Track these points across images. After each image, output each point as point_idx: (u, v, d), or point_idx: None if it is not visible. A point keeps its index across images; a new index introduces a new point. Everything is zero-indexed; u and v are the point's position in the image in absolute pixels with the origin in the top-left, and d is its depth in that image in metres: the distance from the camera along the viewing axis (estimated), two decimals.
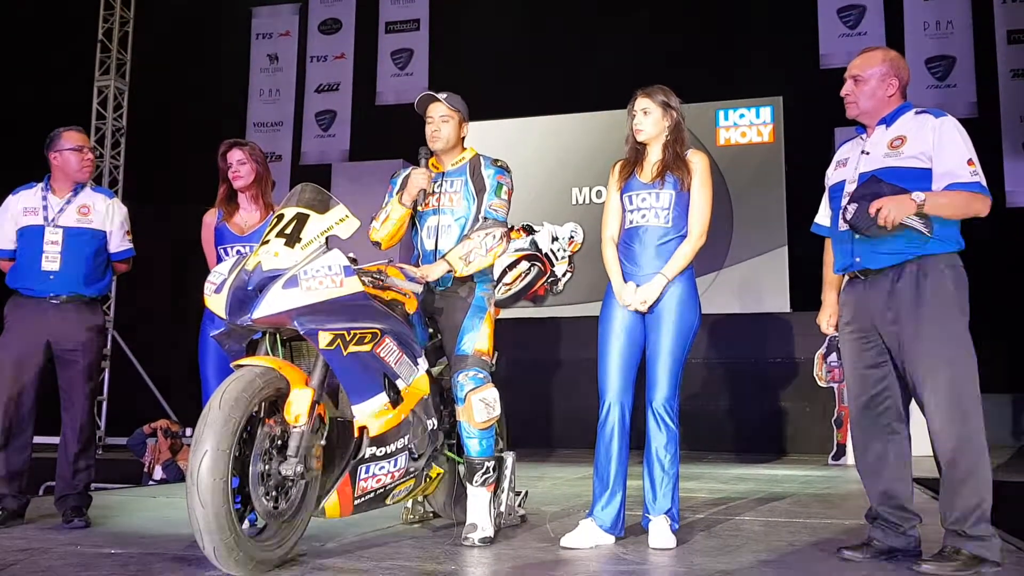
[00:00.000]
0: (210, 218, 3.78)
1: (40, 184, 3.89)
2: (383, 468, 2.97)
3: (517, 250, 3.43)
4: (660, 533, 3.13)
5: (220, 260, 3.60)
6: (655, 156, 3.36)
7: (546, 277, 3.50)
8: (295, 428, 2.70)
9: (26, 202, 3.84)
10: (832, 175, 3.13)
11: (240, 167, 3.68)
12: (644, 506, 3.25)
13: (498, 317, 3.52)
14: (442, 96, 3.48)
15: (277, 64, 10.88)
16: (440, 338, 3.44)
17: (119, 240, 3.95)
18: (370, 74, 10.56)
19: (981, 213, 2.81)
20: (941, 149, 2.83)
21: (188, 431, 7.63)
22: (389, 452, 2.97)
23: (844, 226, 2.93)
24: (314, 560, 2.87)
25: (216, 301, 2.81)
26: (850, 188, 2.94)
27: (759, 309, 8.81)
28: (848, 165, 3.03)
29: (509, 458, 3.53)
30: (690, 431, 4.92)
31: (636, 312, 3.27)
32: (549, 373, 8.80)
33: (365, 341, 2.84)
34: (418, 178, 3.42)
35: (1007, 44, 8.82)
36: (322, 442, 2.79)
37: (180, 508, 3.85)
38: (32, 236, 3.78)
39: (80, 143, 3.89)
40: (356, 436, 2.89)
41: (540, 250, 3.48)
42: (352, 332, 2.79)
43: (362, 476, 2.92)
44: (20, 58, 10.01)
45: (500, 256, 3.39)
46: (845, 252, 2.99)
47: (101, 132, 10.12)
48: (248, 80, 10.88)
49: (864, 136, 3.03)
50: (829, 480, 5.74)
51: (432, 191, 3.47)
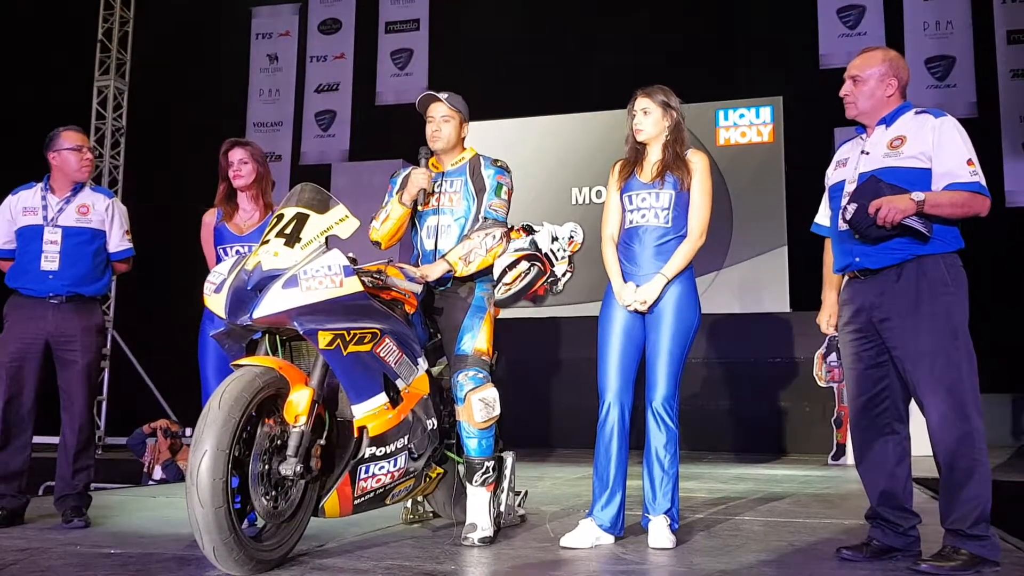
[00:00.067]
0: (209, 218, 3.78)
1: (39, 184, 3.88)
2: (383, 468, 2.97)
3: (517, 250, 3.42)
4: (660, 533, 3.13)
5: (219, 260, 3.60)
6: (655, 156, 3.36)
7: (546, 277, 3.48)
8: (294, 428, 2.70)
9: (25, 202, 3.84)
10: (832, 175, 3.13)
11: (242, 166, 3.68)
12: (644, 506, 3.25)
13: (498, 317, 3.52)
14: (443, 96, 3.49)
15: (277, 64, 10.88)
16: (440, 338, 3.44)
17: (118, 240, 3.95)
18: (370, 74, 10.56)
19: (981, 213, 2.81)
20: (941, 149, 2.83)
21: (188, 431, 7.63)
22: (389, 452, 2.97)
23: (844, 226, 2.93)
24: (314, 560, 2.87)
25: (216, 301, 2.81)
26: (850, 188, 2.94)
27: (759, 309, 8.81)
28: (848, 165, 3.03)
29: (509, 458, 3.53)
30: (690, 431, 4.93)
31: (636, 312, 3.27)
32: (549, 373, 8.80)
33: (365, 341, 2.84)
34: (418, 178, 3.42)
35: (1007, 44, 8.83)
36: (322, 442, 2.79)
37: (180, 508, 3.85)
38: (31, 236, 3.78)
39: (79, 143, 3.88)
40: (356, 436, 2.89)
41: (540, 250, 3.47)
42: (352, 332, 2.79)
43: (362, 476, 2.92)
44: (20, 58, 10.02)
45: (500, 256, 3.40)
46: (845, 252, 2.99)
47: (101, 132, 10.12)
48: (248, 80, 10.89)
49: (864, 136, 3.03)
50: (829, 480, 5.74)
51: (432, 191, 3.47)
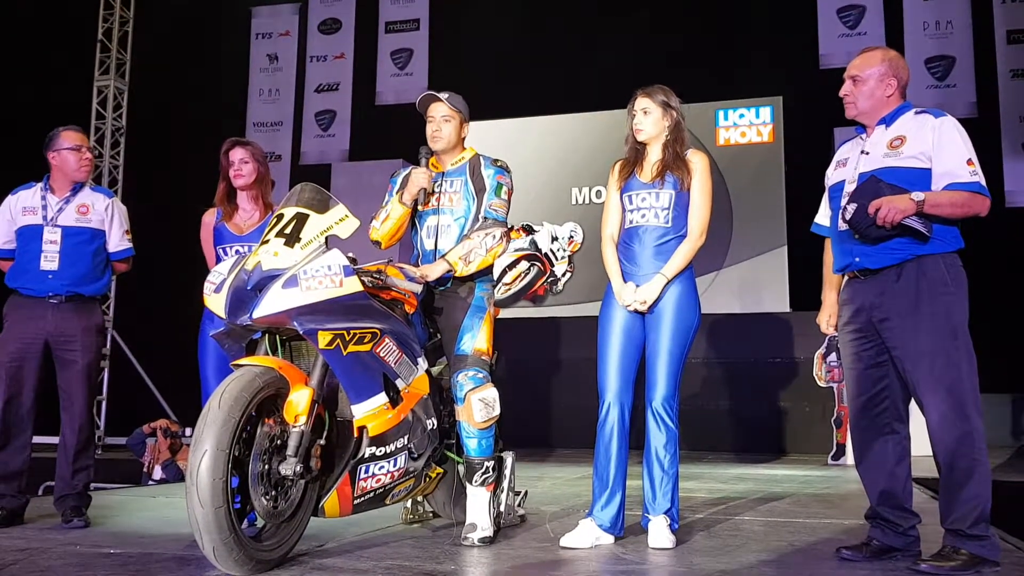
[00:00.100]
0: (209, 218, 3.78)
1: (39, 184, 3.88)
2: (383, 468, 2.97)
3: (516, 250, 3.41)
4: (659, 533, 3.13)
5: (219, 260, 3.60)
6: (655, 156, 3.36)
7: (546, 277, 3.48)
8: (294, 428, 2.70)
9: (25, 202, 3.84)
10: (832, 175, 3.13)
11: (243, 166, 3.68)
12: (644, 506, 3.25)
13: (498, 317, 3.52)
14: (444, 96, 3.49)
15: (277, 64, 10.88)
16: (440, 338, 3.44)
17: (118, 240, 3.95)
18: (370, 74, 10.56)
19: (981, 213, 2.81)
20: (941, 149, 2.82)
21: (188, 431, 7.63)
22: (389, 452, 2.96)
23: (844, 226, 2.93)
24: (314, 560, 2.87)
25: (216, 301, 2.81)
26: (850, 188, 2.94)
27: (759, 309, 8.81)
28: (848, 165, 3.03)
29: (509, 458, 3.53)
30: (690, 431, 4.93)
31: (636, 312, 3.27)
32: (549, 373, 8.80)
33: (365, 341, 2.84)
34: (419, 177, 3.42)
35: (1007, 44, 8.83)
36: (321, 442, 2.79)
37: (180, 508, 3.85)
38: (31, 235, 3.78)
39: (78, 142, 3.88)
40: (356, 436, 2.89)
41: (540, 250, 3.46)
42: (352, 332, 2.79)
43: (361, 476, 2.92)
44: (20, 58, 10.02)
45: (500, 256, 3.40)
46: (845, 252, 2.99)
47: (101, 132, 10.12)
48: (248, 80, 10.89)
49: (864, 136, 3.03)
50: (828, 480, 5.74)
51: (432, 191, 3.47)
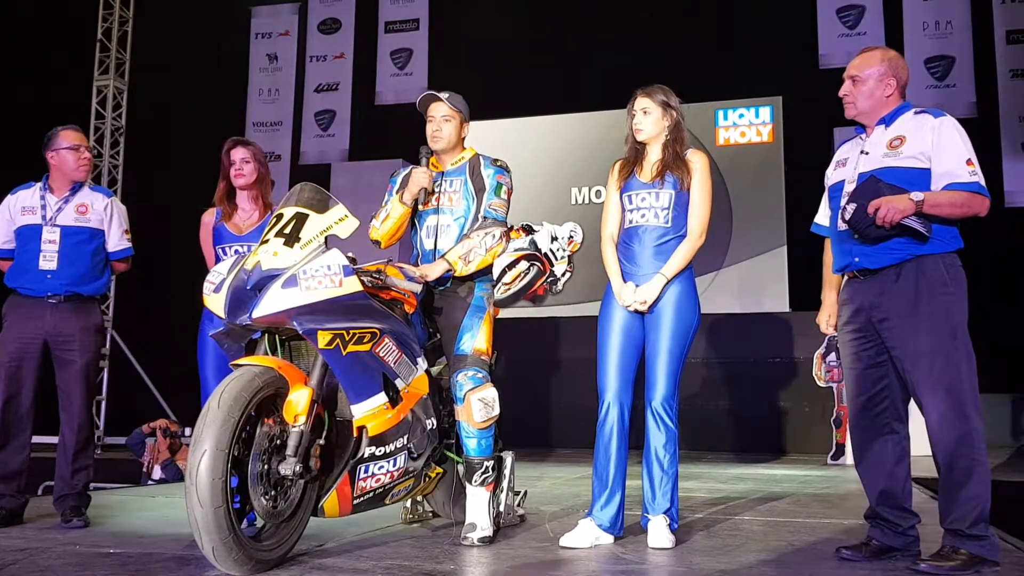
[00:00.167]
0: (208, 217, 3.78)
1: (39, 184, 3.88)
2: (382, 468, 2.97)
3: (516, 250, 3.42)
4: (659, 533, 3.13)
5: (218, 260, 3.60)
6: (655, 156, 3.36)
7: (545, 277, 3.48)
8: (294, 428, 2.70)
9: (24, 201, 3.84)
10: (831, 175, 3.13)
11: (244, 165, 3.68)
12: (643, 506, 3.25)
13: (497, 317, 3.52)
14: (444, 96, 3.49)
15: (276, 64, 10.88)
16: (439, 338, 3.44)
17: (117, 239, 3.94)
18: (370, 74, 10.56)
19: (980, 213, 2.81)
20: (940, 149, 2.82)
21: (187, 431, 7.63)
22: (388, 452, 2.96)
23: (843, 226, 2.93)
24: (313, 560, 2.87)
25: (215, 301, 2.81)
26: (849, 188, 2.94)
27: (758, 309, 8.82)
28: (847, 165, 3.03)
29: (508, 458, 3.53)
30: (689, 431, 4.93)
31: (635, 312, 3.27)
32: (548, 373, 8.80)
33: (364, 341, 2.84)
34: (420, 177, 3.42)
35: (1006, 44, 8.83)
36: (321, 442, 2.79)
37: (179, 508, 3.86)
38: (30, 235, 3.78)
39: (77, 142, 3.88)
40: (355, 436, 2.89)
41: (539, 250, 3.46)
42: (351, 332, 2.79)
43: (361, 476, 2.92)
44: (20, 58, 10.01)
45: (499, 256, 3.40)
46: (844, 252, 2.99)
47: (100, 132, 10.12)
48: (248, 80, 10.89)
49: (863, 136, 3.03)
50: (828, 480, 5.74)
51: (433, 190, 3.47)
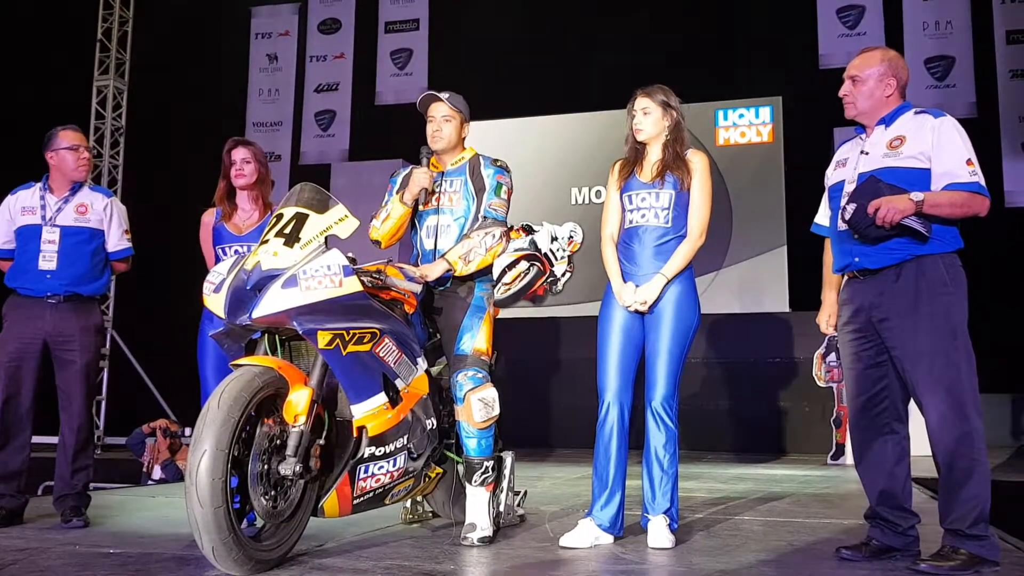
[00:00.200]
0: (208, 218, 3.78)
1: (38, 184, 3.88)
2: (382, 468, 2.97)
3: (516, 250, 3.42)
4: (659, 533, 3.13)
5: (218, 260, 3.60)
6: (655, 156, 3.36)
7: (545, 277, 3.48)
8: (294, 428, 2.70)
9: (24, 201, 3.84)
10: (831, 175, 3.13)
11: (244, 165, 3.68)
12: (643, 506, 3.24)
13: (497, 317, 3.52)
14: (444, 96, 3.49)
15: (276, 64, 10.88)
16: (439, 338, 3.44)
17: (117, 239, 3.94)
18: (370, 74, 10.56)
19: (980, 213, 2.81)
20: (940, 149, 2.82)
21: (187, 431, 7.63)
22: (388, 452, 2.96)
23: (843, 226, 2.93)
24: (313, 560, 2.87)
25: (215, 301, 2.81)
26: (849, 188, 2.94)
27: (758, 309, 8.82)
28: (847, 165, 3.03)
29: (508, 458, 3.53)
30: (689, 431, 4.93)
31: (635, 312, 3.27)
32: (549, 373, 8.80)
33: (364, 341, 2.84)
34: (421, 177, 3.42)
35: (1006, 44, 8.83)
36: (321, 442, 2.79)
37: (179, 508, 3.86)
38: (30, 235, 3.78)
39: (76, 142, 3.88)
40: (355, 436, 2.89)
41: (539, 250, 3.47)
42: (351, 332, 2.79)
43: (361, 476, 2.92)
44: (20, 58, 10.01)
45: (499, 256, 3.40)
46: (844, 252, 2.99)
47: (100, 132, 10.12)
48: (248, 80, 10.89)
49: (863, 136, 3.03)
50: (828, 480, 5.74)
51: (433, 190, 3.47)
